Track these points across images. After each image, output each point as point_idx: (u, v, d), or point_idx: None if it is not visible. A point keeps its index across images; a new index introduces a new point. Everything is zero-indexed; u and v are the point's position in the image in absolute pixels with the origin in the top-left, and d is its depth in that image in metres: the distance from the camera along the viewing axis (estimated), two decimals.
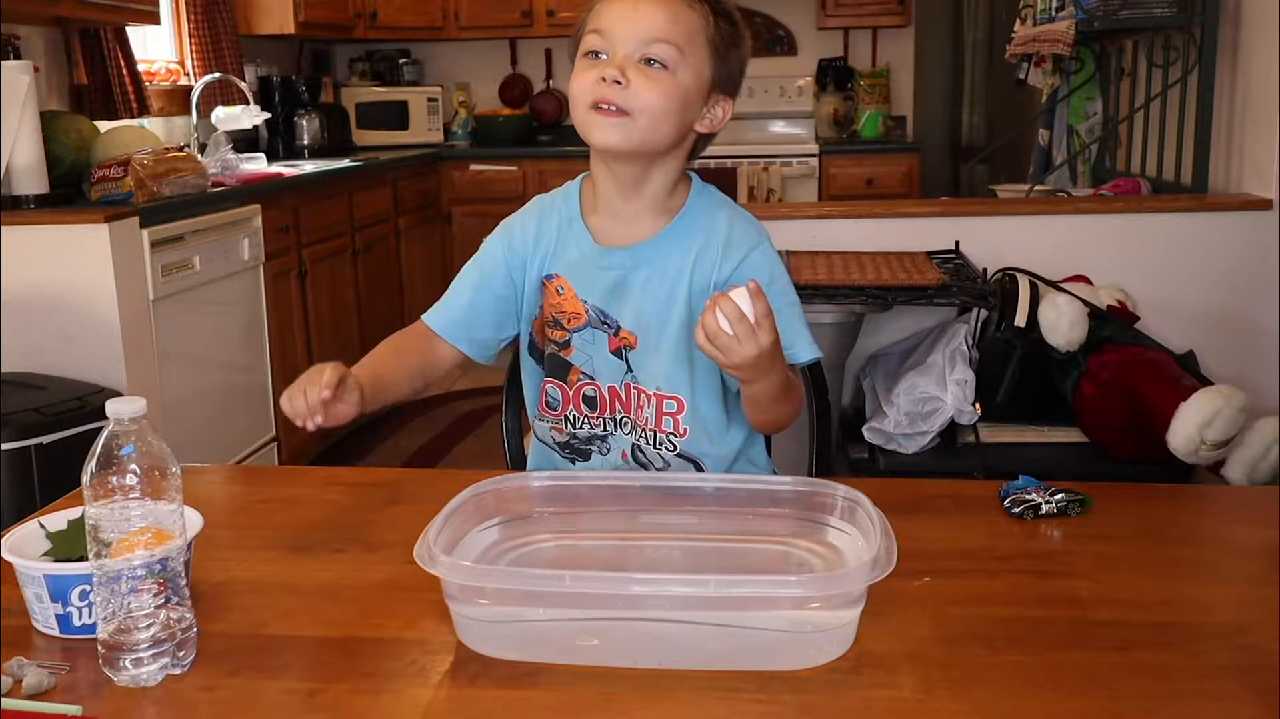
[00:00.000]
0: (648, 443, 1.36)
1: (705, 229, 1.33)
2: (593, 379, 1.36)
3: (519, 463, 1.60)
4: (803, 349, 1.32)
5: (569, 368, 1.37)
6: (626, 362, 1.35)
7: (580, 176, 1.39)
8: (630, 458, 1.37)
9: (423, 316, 1.41)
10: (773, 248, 1.36)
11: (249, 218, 3.46)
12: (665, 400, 1.34)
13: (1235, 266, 2.94)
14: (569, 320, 1.35)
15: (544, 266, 1.37)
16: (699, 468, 1.37)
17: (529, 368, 1.42)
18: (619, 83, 1.24)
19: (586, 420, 1.37)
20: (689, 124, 1.30)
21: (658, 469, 1.36)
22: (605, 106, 1.25)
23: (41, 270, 2.79)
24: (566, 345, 1.37)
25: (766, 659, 0.93)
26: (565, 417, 1.39)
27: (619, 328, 1.34)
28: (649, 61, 1.25)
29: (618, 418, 1.37)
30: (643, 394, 1.35)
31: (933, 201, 3.64)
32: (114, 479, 0.90)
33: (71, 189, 3.13)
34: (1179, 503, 1.40)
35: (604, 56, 1.26)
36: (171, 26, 4.42)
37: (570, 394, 1.38)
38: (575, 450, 1.39)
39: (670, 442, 1.35)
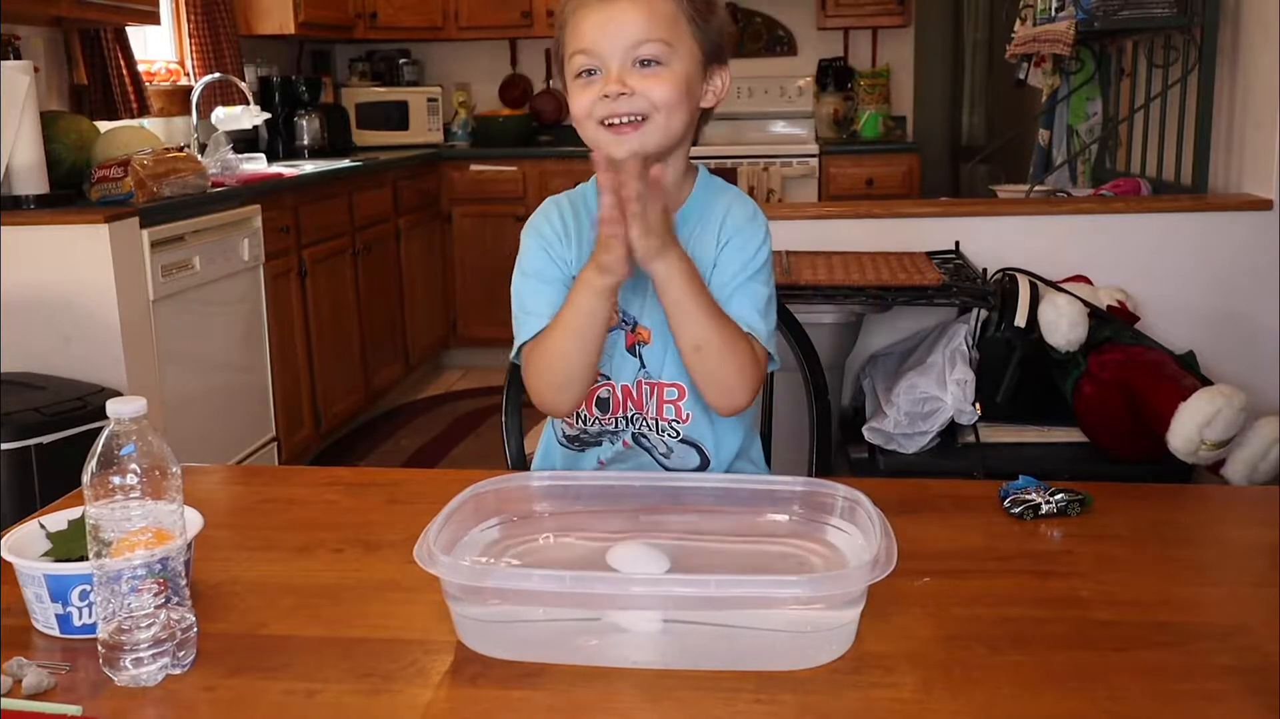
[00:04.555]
0: (649, 429, 1.37)
1: (702, 215, 1.35)
2: (608, 379, 1.37)
3: (519, 463, 1.60)
4: (756, 323, 1.30)
5: None
6: (640, 358, 1.36)
7: (593, 178, 1.38)
8: (634, 444, 1.38)
9: (524, 343, 1.34)
10: (767, 236, 1.36)
11: (249, 218, 3.46)
12: (666, 389, 1.36)
13: (1235, 266, 2.94)
14: None
15: (578, 263, 1.35)
16: (701, 453, 1.38)
17: None
18: (624, 94, 1.25)
19: (598, 420, 1.39)
20: (696, 106, 1.32)
21: (661, 454, 1.38)
22: (618, 121, 1.26)
23: (41, 270, 2.79)
24: None
25: (766, 659, 0.93)
26: (578, 414, 1.39)
27: (635, 324, 1.35)
28: (643, 63, 1.26)
29: (629, 415, 1.38)
30: (651, 387, 1.37)
31: (933, 201, 3.64)
32: (114, 479, 0.90)
33: (71, 189, 3.13)
34: (1179, 503, 1.39)
35: (597, 73, 1.27)
36: (171, 27, 4.42)
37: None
38: (584, 443, 1.41)
39: (673, 428, 1.37)
